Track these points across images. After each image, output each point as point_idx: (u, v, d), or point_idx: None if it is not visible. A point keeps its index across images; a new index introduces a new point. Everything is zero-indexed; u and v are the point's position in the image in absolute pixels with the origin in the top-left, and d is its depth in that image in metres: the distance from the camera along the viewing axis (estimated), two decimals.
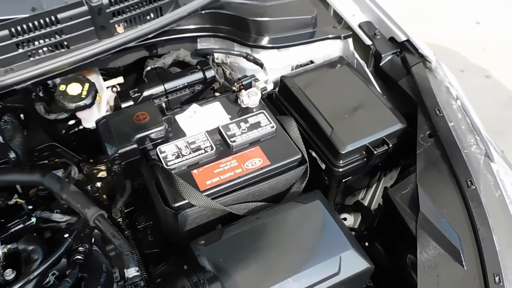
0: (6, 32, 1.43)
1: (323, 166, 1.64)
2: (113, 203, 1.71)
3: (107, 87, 1.87)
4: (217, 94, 1.86)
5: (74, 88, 1.58)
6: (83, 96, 1.56)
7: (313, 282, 1.24)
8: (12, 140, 1.79)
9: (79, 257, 1.48)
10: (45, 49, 1.55)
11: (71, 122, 2.06)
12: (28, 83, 1.54)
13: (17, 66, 1.51)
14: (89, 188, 1.80)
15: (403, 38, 1.76)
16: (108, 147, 1.45)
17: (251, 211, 1.47)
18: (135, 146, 1.45)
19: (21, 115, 1.96)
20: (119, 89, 1.88)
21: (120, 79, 1.89)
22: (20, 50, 1.49)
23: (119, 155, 1.43)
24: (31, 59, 1.53)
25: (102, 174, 2.06)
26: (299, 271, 1.25)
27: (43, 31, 1.48)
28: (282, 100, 1.78)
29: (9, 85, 1.50)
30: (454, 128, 1.47)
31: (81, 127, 2.03)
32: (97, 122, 1.54)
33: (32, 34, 1.47)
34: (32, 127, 2.09)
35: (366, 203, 1.91)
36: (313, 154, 1.66)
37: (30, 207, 1.68)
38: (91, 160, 2.02)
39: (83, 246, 1.51)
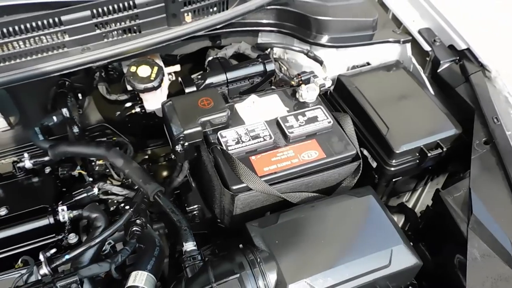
0: (88, 12, 1.52)
1: (374, 165, 1.68)
2: (168, 183, 1.79)
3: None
4: (272, 87, 1.93)
5: (144, 70, 1.66)
6: (152, 78, 1.65)
7: (363, 271, 1.29)
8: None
9: (137, 228, 1.56)
10: (118, 31, 1.64)
11: (128, 104, 2.16)
12: (101, 63, 1.63)
13: (93, 46, 1.59)
14: None
15: (463, 47, 1.79)
16: (173, 128, 1.53)
17: (304, 201, 1.53)
18: (199, 128, 1.53)
19: (79, 95, 2.07)
20: (174, 77, 1.96)
21: (177, 67, 1.97)
22: (98, 31, 1.58)
23: (184, 136, 1.51)
24: (105, 40, 1.61)
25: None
26: (351, 259, 1.29)
27: (120, 14, 1.56)
28: (337, 98, 1.83)
29: (85, 63, 1.59)
30: (511, 137, 1.50)
31: (135, 110, 2.13)
32: (163, 104, 1.62)
33: (110, 17, 1.55)
34: (86, 106, 2.20)
35: (410, 206, 1.94)
36: (364, 152, 1.71)
37: (90, 179, 1.78)
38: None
39: (140, 219, 1.60)
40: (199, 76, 1.77)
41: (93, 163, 1.84)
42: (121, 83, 2.15)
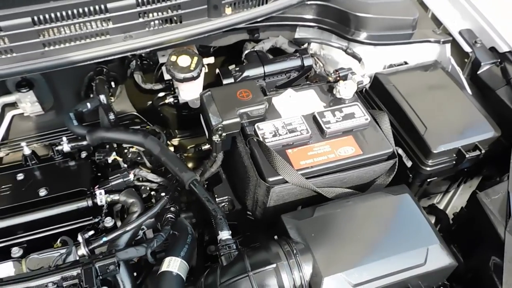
0: (133, 1, 1.54)
1: (409, 164, 1.68)
2: (201, 173, 1.81)
3: None
4: (307, 82, 1.93)
5: (184, 60, 1.68)
6: (191, 68, 1.67)
7: (398, 268, 1.28)
8: None
9: (171, 216, 1.59)
10: (160, 21, 1.66)
11: (161, 94, 2.19)
12: (142, 51, 1.66)
13: (135, 34, 1.62)
14: None
15: (506, 49, 1.77)
16: (212, 118, 1.54)
17: (338, 196, 1.53)
18: (238, 119, 1.54)
19: (112, 83, 2.10)
20: (207, 69, 1.98)
21: (212, 59, 1.99)
22: (140, 20, 1.60)
23: (222, 127, 1.53)
24: (147, 29, 1.63)
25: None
26: (387, 256, 1.29)
27: (163, 4, 1.59)
28: (373, 95, 1.82)
29: (126, 51, 1.62)
30: None
31: (168, 100, 2.15)
32: (202, 94, 1.64)
33: (154, 6, 1.58)
34: (118, 95, 2.23)
35: (441, 208, 1.93)
36: (399, 151, 1.70)
37: (125, 165, 1.81)
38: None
39: (174, 206, 1.63)
40: (237, 68, 1.79)
41: (126, 150, 1.87)
42: (154, 73, 2.19)
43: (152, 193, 1.77)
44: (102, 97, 1.95)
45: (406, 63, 1.93)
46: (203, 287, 1.36)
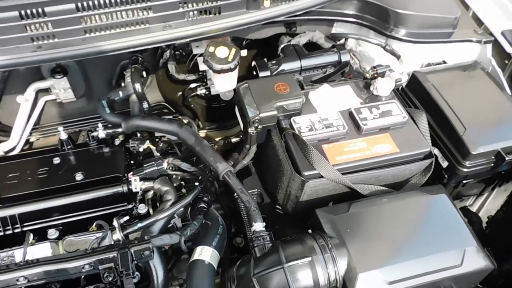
0: None
1: (445, 164, 1.66)
2: (233, 165, 1.82)
3: None
4: (342, 78, 1.92)
5: (222, 51, 1.68)
6: (229, 60, 1.66)
7: (435, 268, 1.27)
8: None
9: (204, 205, 1.60)
10: (199, 11, 1.67)
11: (193, 85, 2.20)
12: (181, 41, 1.66)
13: (175, 24, 1.62)
14: None
15: None
16: (249, 110, 1.54)
17: (373, 194, 1.53)
18: (275, 112, 1.54)
19: (143, 73, 2.11)
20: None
21: (244, 52, 1.99)
22: (180, 10, 1.60)
23: (259, 119, 1.53)
24: (186, 19, 1.63)
25: None
26: (422, 255, 1.28)
27: None
28: (410, 94, 1.80)
29: (165, 40, 1.63)
30: None
31: (200, 91, 2.16)
32: (239, 86, 1.64)
33: None
34: (148, 85, 2.25)
35: (473, 211, 1.90)
36: (435, 150, 1.68)
37: (158, 154, 1.82)
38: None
39: (206, 196, 1.64)
40: (274, 61, 1.78)
41: (158, 140, 1.89)
42: (186, 63, 2.20)
43: (182, 183, 1.79)
44: (138, 86, 1.97)
45: (444, 62, 1.91)
46: (235, 278, 1.37)
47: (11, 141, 2.02)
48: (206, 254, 1.50)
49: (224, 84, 1.89)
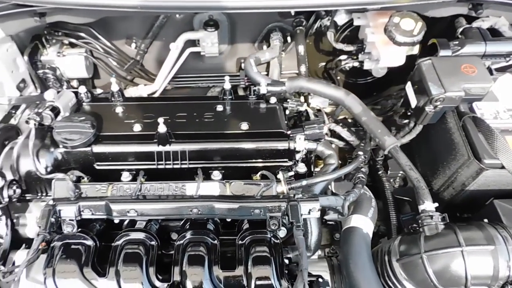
0: None
1: None
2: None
3: None
4: None
5: (407, 23, 1.63)
6: (414, 33, 1.61)
7: None
8: None
9: (362, 176, 1.59)
10: None
11: (343, 57, 2.17)
12: (354, 7, 1.67)
13: None
14: None
15: None
16: (432, 87, 1.49)
17: None
18: (462, 93, 1.47)
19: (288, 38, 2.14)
20: None
21: None
22: None
23: (444, 98, 1.47)
24: None
25: None
26: None
27: None
28: None
29: (336, 5, 1.63)
30: None
31: (351, 64, 2.13)
32: (421, 62, 1.58)
33: None
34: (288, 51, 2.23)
35: None
36: None
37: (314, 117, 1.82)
38: None
39: (365, 167, 1.62)
40: (456, 42, 1.70)
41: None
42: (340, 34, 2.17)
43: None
44: (301, 48, 1.99)
45: None
46: (398, 252, 1.35)
47: (154, 85, 2.13)
48: (363, 223, 1.50)
49: (391, 58, 1.85)
